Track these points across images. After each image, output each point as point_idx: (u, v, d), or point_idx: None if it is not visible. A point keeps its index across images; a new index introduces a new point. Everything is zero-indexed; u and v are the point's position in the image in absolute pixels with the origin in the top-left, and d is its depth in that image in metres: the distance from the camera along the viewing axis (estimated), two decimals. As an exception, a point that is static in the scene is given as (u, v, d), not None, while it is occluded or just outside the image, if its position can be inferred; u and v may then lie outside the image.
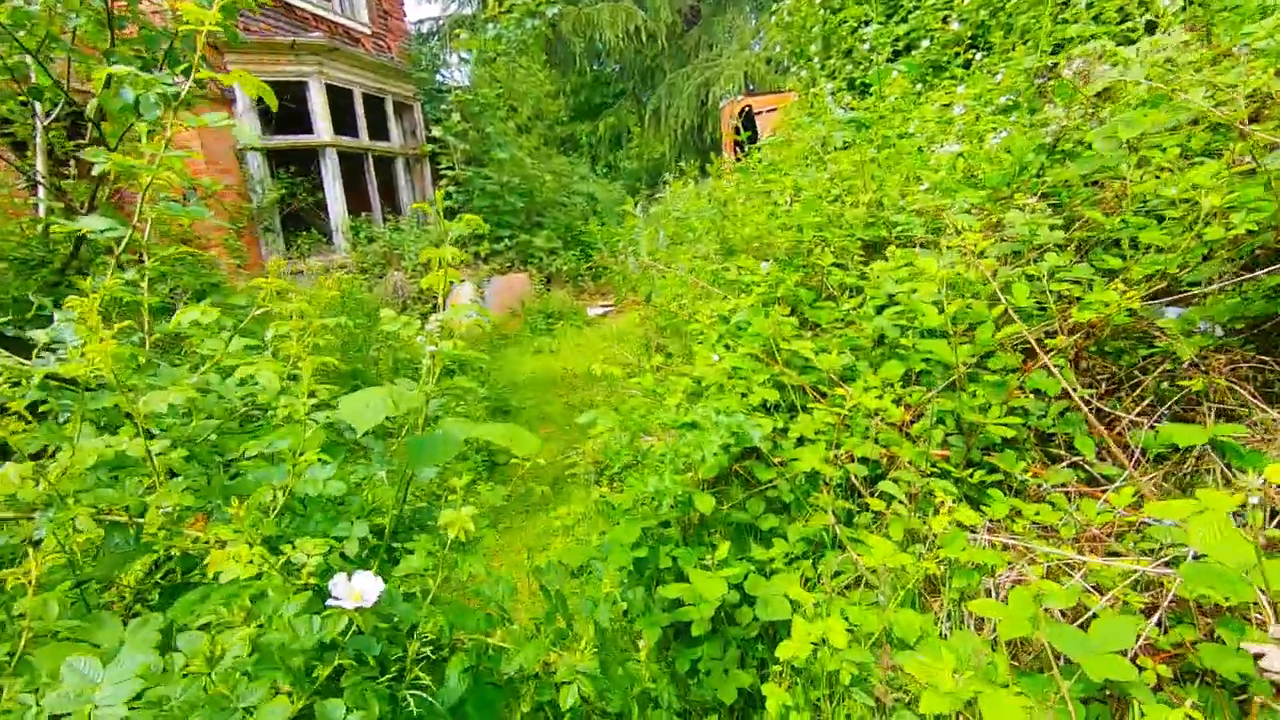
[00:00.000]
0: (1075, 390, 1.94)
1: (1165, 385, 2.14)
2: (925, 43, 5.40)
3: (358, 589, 0.96)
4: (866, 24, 6.64)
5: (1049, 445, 2.15)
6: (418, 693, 0.98)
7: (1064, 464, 2.16)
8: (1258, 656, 0.99)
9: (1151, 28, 4.06)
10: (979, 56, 5.35)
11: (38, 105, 3.97)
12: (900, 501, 1.85)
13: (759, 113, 12.17)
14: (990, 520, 1.86)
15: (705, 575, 1.68)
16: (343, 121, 11.36)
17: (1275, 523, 1.59)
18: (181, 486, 1.00)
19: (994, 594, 1.56)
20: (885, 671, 1.38)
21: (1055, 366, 1.92)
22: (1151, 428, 1.97)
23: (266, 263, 10.68)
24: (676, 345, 3.71)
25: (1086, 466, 2.10)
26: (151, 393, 1.03)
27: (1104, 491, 1.88)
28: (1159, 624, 1.50)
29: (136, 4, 4.33)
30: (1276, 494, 0.92)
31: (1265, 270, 1.99)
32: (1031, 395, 2.08)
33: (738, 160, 13.34)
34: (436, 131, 10.98)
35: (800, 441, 2.20)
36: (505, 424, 1.29)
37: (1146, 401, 2.16)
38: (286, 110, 10.82)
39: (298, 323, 1.58)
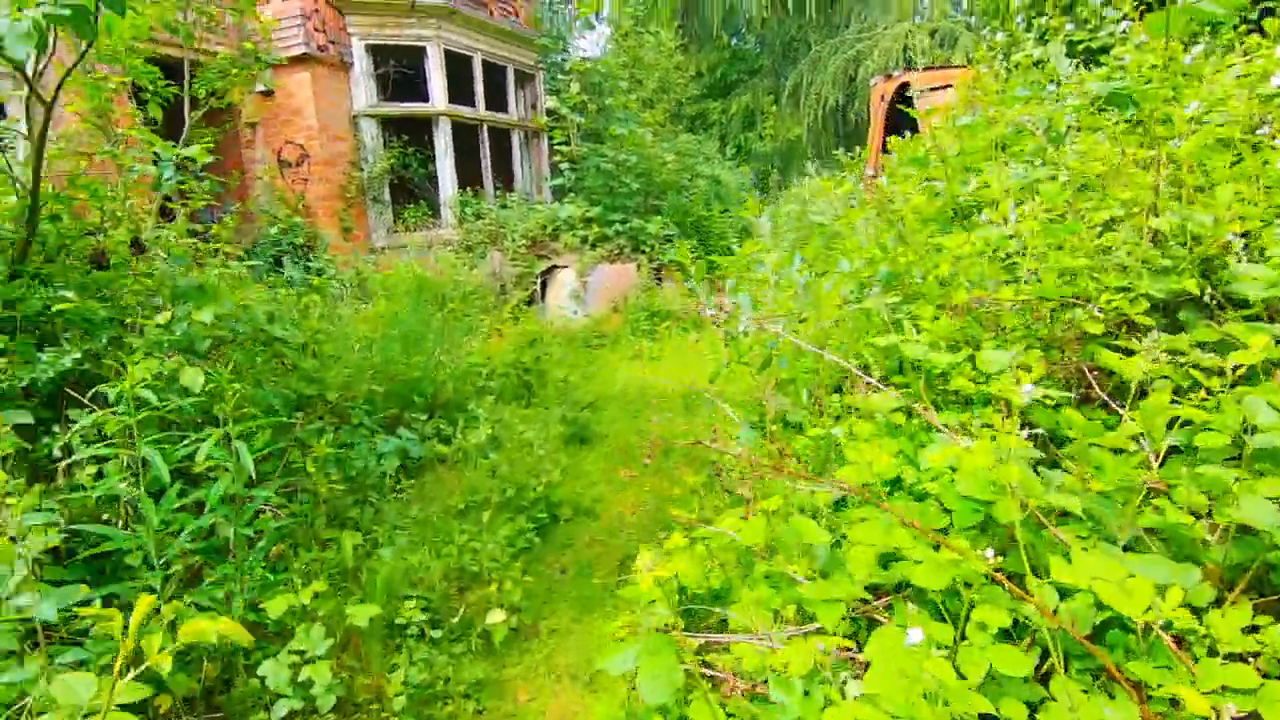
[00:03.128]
0: None
1: None
2: (1201, -12, 3.78)
3: None
4: (1096, -29, 4.99)
5: None
6: None
7: None
8: None
9: None
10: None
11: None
12: None
13: (920, 92, 10.40)
14: None
15: None
16: (460, 90, 10.82)
17: None
18: None
19: None
20: None
21: None
22: None
23: (372, 234, 10.39)
24: (799, 405, 2.55)
25: None
26: None
27: None
28: None
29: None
30: None
31: None
32: None
33: (885, 150, 11.78)
34: (552, 103, 10.17)
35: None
36: None
37: None
38: (403, 76, 10.40)
39: None
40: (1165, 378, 1.55)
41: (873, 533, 1.27)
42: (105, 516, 2.19)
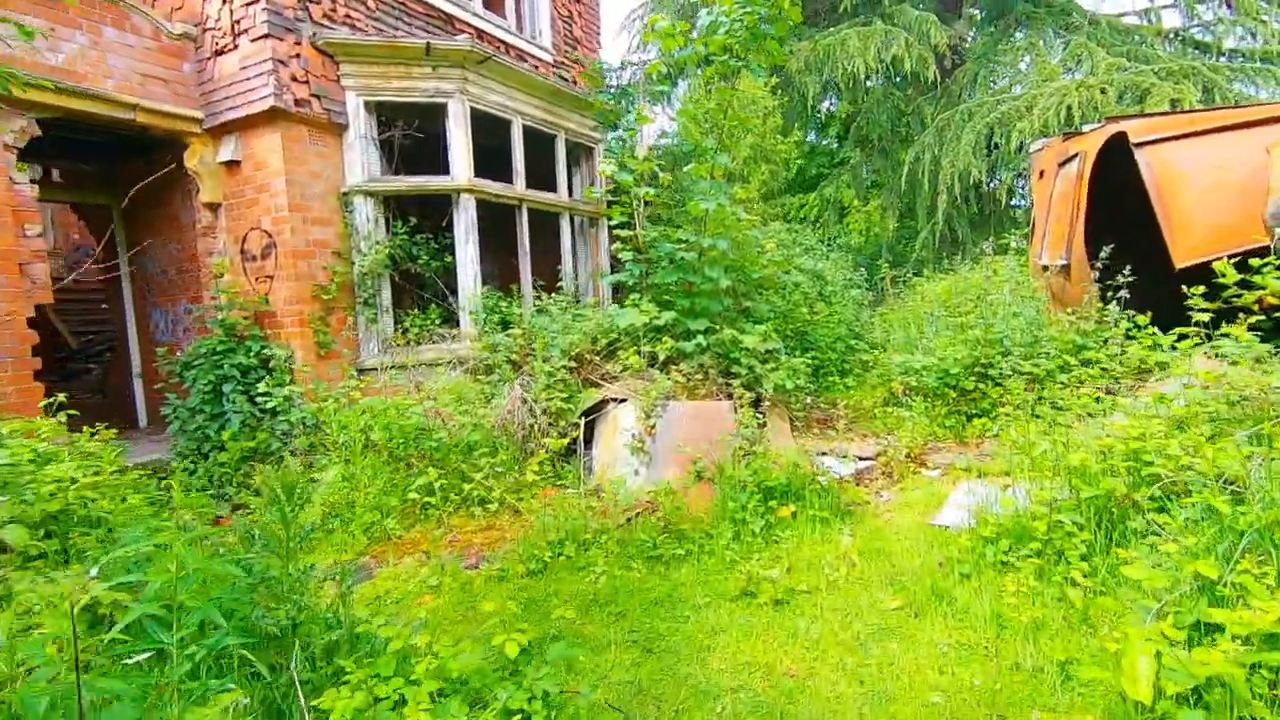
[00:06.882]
0: None
1: None
2: None
3: None
4: None
5: None
6: None
7: None
8: None
9: None
10: None
11: None
12: None
13: (1144, 143, 7.01)
14: None
15: None
16: (493, 161, 8.25)
17: None
18: None
19: None
20: None
21: None
22: None
23: (361, 349, 7.57)
24: None
25: None
26: None
27: None
28: None
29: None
30: None
31: None
32: None
33: (1066, 264, 8.30)
34: (608, 168, 7.34)
35: None
36: None
37: None
38: (417, 144, 7.90)
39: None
40: None
41: None
42: None
